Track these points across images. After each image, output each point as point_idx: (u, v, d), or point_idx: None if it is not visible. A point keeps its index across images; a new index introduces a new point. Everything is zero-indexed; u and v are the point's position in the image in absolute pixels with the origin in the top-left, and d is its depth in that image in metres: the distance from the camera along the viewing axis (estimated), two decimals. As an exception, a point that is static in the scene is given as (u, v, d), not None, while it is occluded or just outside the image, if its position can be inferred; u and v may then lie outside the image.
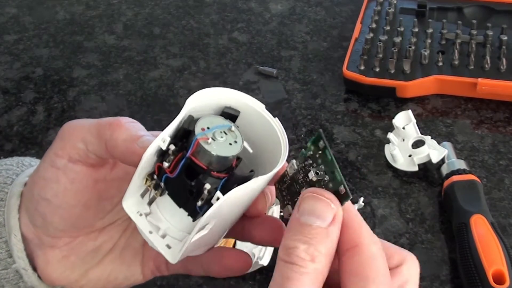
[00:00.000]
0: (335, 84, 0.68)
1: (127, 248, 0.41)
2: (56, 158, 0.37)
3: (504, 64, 0.63)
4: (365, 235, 0.31)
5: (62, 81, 0.73)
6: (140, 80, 0.72)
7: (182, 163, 0.32)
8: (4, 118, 0.68)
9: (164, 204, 0.34)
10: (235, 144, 0.33)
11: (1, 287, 0.40)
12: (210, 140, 0.32)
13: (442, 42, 0.67)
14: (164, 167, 0.32)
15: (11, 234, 0.39)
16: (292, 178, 0.33)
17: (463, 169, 0.54)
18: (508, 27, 0.67)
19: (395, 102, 0.65)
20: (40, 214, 0.38)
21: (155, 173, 0.33)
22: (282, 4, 0.82)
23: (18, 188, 0.40)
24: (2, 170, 0.42)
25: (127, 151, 0.34)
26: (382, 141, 0.61)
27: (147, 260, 0.41)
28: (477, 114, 0.63)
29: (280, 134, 0.35)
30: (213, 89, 0.34)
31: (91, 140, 0.36)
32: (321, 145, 0.32)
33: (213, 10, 0.82)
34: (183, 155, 0.32)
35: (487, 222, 0.49)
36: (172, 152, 0.32)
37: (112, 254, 0.41)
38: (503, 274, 0.46)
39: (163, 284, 0.50)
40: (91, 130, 0.36)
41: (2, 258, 0.40)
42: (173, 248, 0.34)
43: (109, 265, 0.41)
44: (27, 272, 0.40)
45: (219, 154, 0.32)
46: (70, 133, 0.37)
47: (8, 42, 0.79)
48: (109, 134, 0.35)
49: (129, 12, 0.83)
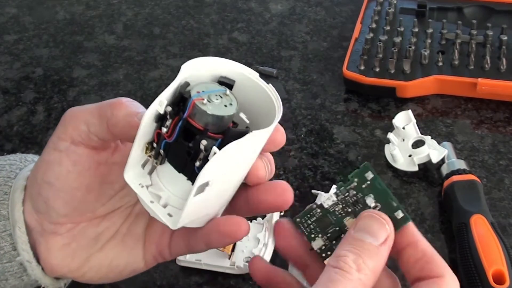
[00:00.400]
0: (335, 84, 0.68)
1: (129, 234, 0.41)
2: (59, 141, 0.38)
3: (504, 64, 0.63)
4: (449, 268, 0.33)
5: (62, 81, 0.73)
6: (140, 80, 0.72)
7: (179, 125, 0.33)
8: (4, 118, 0.68)
9: (164, 173, 0.35)
10: (230, 106, 0.34)
11: (5, 281, 0.41)
12: (205, 101, 0.33)
13: (442, 42, 0.67)
14: (163, 133, 0.33)
15: (15, 227, 0.39)
16: (327, 210, 0.35)
17: (463, 169, 0.54)
18: (508, 27, 0.67)
19: (395, 102, 0.65)
20: (43, 199, 0.38)
21: (154, 141, 0.34)
22: (282, 4, 0.82)
23: (21, 182, 0.40)
24: (5, 165, 0.42)
25: (127, 125, 0.36)
26: (382, 141, 0.61)
27: (149, 245, 0.41)
28: (477, 114, 0.63)
29: (274, 99, 0.35)
30: (208, 58, 0.35)
31: (93, 121, 0.37)
32: (368, 176, 0.34)
33: (213, 10, 0.82)
34: (180, 117, 0.33)
35: (487, 222, 0.49)
36: (169, 114, 0.33)
37: (114, 240, 0.41)
38: (503, 274, 0.46)
39: (163, 284, 0.50)
40: (93, 111, 0.37)
41: (6, 251, 0.40)
42: (174, 216, 0.35)
43: (110, 252, 0.41)
44: (31, 264, 0.40)
45: (215, 113, 0.33)
46: (72, 117, 0.38)
47: (8, 42, 0.79)
48: (110, 112, 0.36)
49: (129, 12, 0.83)
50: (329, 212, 0.34)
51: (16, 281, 0.41)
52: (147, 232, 0.41)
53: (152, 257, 0.41)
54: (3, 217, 0.40)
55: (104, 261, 0.41)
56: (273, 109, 0.35)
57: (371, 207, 0.34)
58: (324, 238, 0.35)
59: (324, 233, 0.35)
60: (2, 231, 0.40)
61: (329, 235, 0.34)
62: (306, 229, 0.35)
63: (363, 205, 0.34)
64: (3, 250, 0.40)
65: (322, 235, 0.35)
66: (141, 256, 0.41)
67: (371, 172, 0.34)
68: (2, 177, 0.41)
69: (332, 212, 0.34)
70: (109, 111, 0.36)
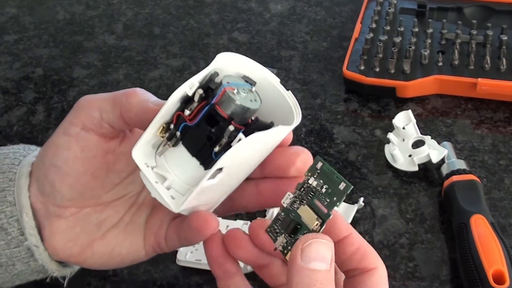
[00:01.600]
0: (335, 84, 0.68)
1: (131, 223, 0.42)
2: (70, 126, 0.38)
3: (504, 64, 0.63)
4: (380, 258, 0.34)
5: (62, 81, 0.73)
6: (140, 80, 0.72)
7: (205, 110, 0.34)
8: (4, 118, 0.68)
9: (172, 157, 0.35)
10: (255, 102, 0.35)
11: (12, 266, 0.41)
12: (235, 91, 0.34)
13: (442, 42, 0.67)
14: (185, 115, 0.34)
15: (23, 213, 0.40)
16: (287, 209, 0.35)
17: (463, 169, 0.54)
18: (508, 27, 0.67)
19: (395, 102, 0.65)
20: (49, 182, 0.39)
21: (172, 123, 0.35)
22: (282, 4, 0.82)
23: (26, 168, 0.41)
24: (9, 153, 0.43)
25: (141, 111, 0.36)
26: (382, 141, 0.61)
27: (149, 235, 0.42)
28: (477, 114, 0.63)
29: (292, 105, 0.36)
30: (239, 55, 0.36)
31: (106, 108, 0.38)
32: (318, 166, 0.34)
33: (213, 10, 0.82)
34: (207, 103, 0.34)
35: (487, 222, 0.49)
36: (199, 97, 0.34)
37: (117, 229, 0.42)
38: (503, 274, 0.46)
39: (163, 284, 0.50)
40: (107, 99, 0.38)
41: (14, 236, 0.41)
42: (177, 199, 0.35)
43: (113, 240, 0.42)
44: (38, 249, 0.41)
45: (243, 104, 0.34)
46: (86, 103, 0.39)
47: (8, 42, 0.79)
48: (125, 100, 0.37)
49: (129, 12, 0.83)
50: (289, 210, 0.35)
51: (23, 266, 0.42)
52: (148, 222, 0.42)
53: (151, 247, 0.42)
54: (9, 203, 0.41)
55: (106, 248, 0.41)
56: (288, 115, 0.36)
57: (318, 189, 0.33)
58: (285, 235, 0.34)
59: (285, 230, 0.35)
60: (9, 217, 0.41)
61: (288, 230, 0.34)
62: (273, 234, 0.35)
63: (314, 191, 0.34)
64: (11, 236, 0.41)
65: (284, 233, 0.35)
66: (142, 246, 0.42)
67: (321, 161, 0.34)
68: (6, 164, 0.42)
69: (292, 210, 0.34)
70: (124, 98, 0.37)
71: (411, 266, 0.50)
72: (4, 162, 0.42)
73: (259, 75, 0.37)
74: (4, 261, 0.41)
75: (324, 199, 0.33)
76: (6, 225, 0.40)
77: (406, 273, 0.50)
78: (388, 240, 0.52)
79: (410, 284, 0.49)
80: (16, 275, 0.42)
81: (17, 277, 0.43)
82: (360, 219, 0.54)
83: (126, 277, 0.50)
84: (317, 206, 0.33)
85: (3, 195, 0.41)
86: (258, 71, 0.37)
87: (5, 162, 0.42)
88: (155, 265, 0.51)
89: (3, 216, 0.40)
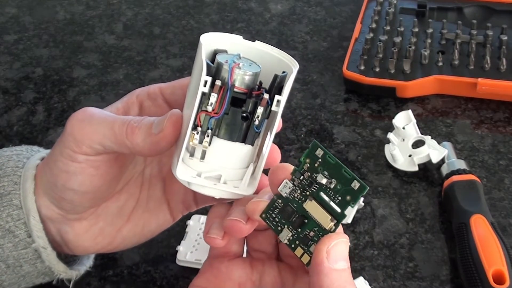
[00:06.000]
0: (335, 84, 0.68)
1: (151, 200, 0.43)
2: (75, 154, 0.38)
3: (504, 64, 0.63)
4: None
5: (62, 81, 0.73)
6: (140, 80, 0.72)
7: (228, 96, 0.34)
8: (4, 118, 0.68)
9: (214, 154, 0.35)
10: (253, 64, 0.36)
11: (19, 267, 0.42)
12: (240, 65, 0.35)
13: (442, 42, 0.67)
14: (209, 112, 0.34)
15: (30, 216, 0.41)
16: (287, 199, 0.34)
17: (463, 169, 0.54)
18: (508, 27, 0.67)
19: (395, 102, 0.65)
20: (67, 201, 0.40)
21: (197, 126, 0.35)
22: (282, 4, 0.82)
23: (31, 171, 0.41)
24: (12, 155, 0.43)
25: (150, 147, 0.36)
26: (382, 141, 0.61)
27: (175, 205, 0.43)
28: (477, 114, 0.63)
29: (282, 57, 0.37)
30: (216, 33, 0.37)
31: (110, 145, 0.37)
32: (319, 154, 0.33)
33: (213, 10, 0.82)
34: (225, 89, 0.34)
35: (487, 222, 0.49)
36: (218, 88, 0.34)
37: (139, 209, 0.43)
38: (503, 274, 0.46)
39: (163, 284, 0.50)
40: (109, 136, 0.37)
41: (21, 238, 0.41)
42: (240, 186, 0.36)
43: (139, 220, 0.43)
44: (46, 250, 0.41)
45: (252, 71, 0.35)
46: (83, 133, 0.38)
47: (8, 42, 0.79)
48: (130, 143, 0.37)
49: (129, 12, 0.83)
50: (289, 200, 0.34)
51: (30, 267, 0.42)
52: (167, 194, 0.43)
53: (180, 213, 0.44)
54: (16, 206, 0.41)
55: (135, 230, 0.43)
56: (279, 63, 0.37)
57: (323, 183, 0.33)
58: (290, 228, 0.34)
59: (289, 223, 0.34)
60: (16, 220, 0.41)
61: (294, 224, 0.34)
62: (272, 222, 0.34)
63: (319, 184, 0.33)
64: (18, 238, 0.41)
65: (287, 226, 0.34)
66: (168, 215, 0.44)
67: (321, 148, 0.33)
68: (10, 167, 0.42)
69: (292, 199, 0.34)
70: (128, 141, 0.36)
71: (411, 266, 0.50)
72: (8, 165, 0.42)
73: (241, 44, 0.37)
74: (12, 262, 0.41)
75: (335, 196, 0.33)
76: (14, 228, 0.41)
77: (406, 273, 0.50)
78: (388, 240, 0.52)
79: (410, 284, 0.49)
80: (22, 277, 0.43)
81: (24, 279, 0.43)
82: (360, 219, 0.54)
83: (126, 277, 0.50)
84: (327, 203, 0.33)
85: (9, 199, 0.41)
86: (237, 41, 0.37)
87: (9, 165, 0.42)
88: (155, 265, 0.51)
89: (10, 219, 0.41)
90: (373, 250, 0.51)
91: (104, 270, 0.51)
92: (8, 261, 0.41)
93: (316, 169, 0.33)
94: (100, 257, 0.51)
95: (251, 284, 0.36)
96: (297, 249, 0.34)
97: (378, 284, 0.49)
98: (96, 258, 0.49)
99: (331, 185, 0.33)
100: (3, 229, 0.41)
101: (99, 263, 0.50)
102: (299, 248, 0.34)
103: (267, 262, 0.38)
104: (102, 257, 0.51)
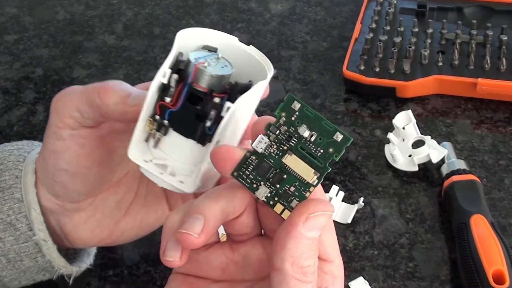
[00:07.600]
0: (335, 84, 0.68)
1: (149, 194, 0.43)
2: (60, 130, 0.39)
3: (504, 64, 0.63)
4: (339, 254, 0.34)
5: (62, 81, 0.73)
6: (140, 80, 0.72)
7: (185, 91, 0.35)
8: (4, 118, 0.68)
9: (167, 145, 0.36)
10: (226, 67, 0.36)
11: (20, 262, 0.42)
12: (206, 64, 0.35)
13: (442, 42, 0.67)
14: (167, 103, 0.35)
15: (31, 209, 0.41)
16: (262, 154, 0.32)
17: (463, 169, 0.54)
18: (508, 27, 0.66)
19: (395, 102, 0.65)
20: (59, 184, 0.40)
21: (156, 114, 0.36)
22: (282, 4, 0.82)
23: (32, 165, 0.42)
24: (13, 150, 0.44)
25: (120, 113, 0.37)
26: (382, 141, 0.61)
27: (174, 200, 0.43)
28: (477, 114, 0.63)
29: (258, 56, 0.38)
30: (195, 28, 0.37)
31: (84, 109, 0.38)
32: (295, 107, 0.32)
33: (213, 10, 0.82)
34: (184, 85, 0.35)
35: (487, 222, 0.49)
36: (175, 82, 0.35)
37: (137, 203, 0.43)
38: (503, 274, 0.46)
39: (163, 284, 0.50)
40: (82, 99, 0.38)
41: (23, 231, 0.41)
42: (186, 182, 0.36)
43: (137, 214, 0.43)
44: (47, 243, 0.41)
45: (217, 73, 0.35)
46: (63, 105, 0.39)
47: (8, 42, 0.79)
48: (100, 101, 0.37)
49: (129, 12, 0.83)
50: (265, 156, 0.32)
51: (31, 262, 0.42)
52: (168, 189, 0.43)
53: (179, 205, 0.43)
54: (17, 200, 0.41)
55: (134, 223, 0.43)
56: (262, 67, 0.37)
57: (305, 136, 0.31)
58: (267, 184, 0.32)
59: (265, 180, 0.32)
60: (17, 213, 0.41)
61: (271, 180, 0.32)
62: (246, 180, 0.32)
63: (298, 138, 0.32)
64: (19, 231, 0.41)
65: (264, 182, 0.32)
66: (167, 211, 0.43)
67: (297, 101, 0.32)
68: (11, 161, 0.42)
69: (268, 155, 0.32)
70: (98, 99, 0.37)
71: (411, 266, 0.50)
72: (9, 159, 0.42)
73: (220, 40, 0.38)
74: (12, 257, 0.42)
75: (316, 149, 0.31)
76: (15, 221, 0.41)
77: (406, 273, 0.50)
78: (388, 240, 0.52)
79: (410, 284, 0.49)
80: (23, 272, 0.43)
81: (24, 274, 0.43)
82: (360, 219, 0.54)
83: (126, 277, 0.50)
84: (308, 157, 0.32)
85: (10, 192, 0.41)
86: (216, 37, 0.38)
87: (10, 159, 0.42)
88: (155, 265, 0.51)
89: (11, 212, 0.41)
90: (373, 250, 0.51)
91: (104, 270, 0.51)
92: (9, 255, 0.42)
93: (293, 123, 0.32)
94: (100, 257, 0.51)
95: (234, 265, 0.34)
96: (277, 205, 0.32)
97: (378, 284, 0.49)
98: (96, 258, 0.49)
99: (311, 138, 0.32)
100: (4, 222, 0.41)
101: (99, 263, 0.51)
102: (279, 204, 0.32)
103: (249, 241, 0.35)
104: (102, 257, 0.51)
